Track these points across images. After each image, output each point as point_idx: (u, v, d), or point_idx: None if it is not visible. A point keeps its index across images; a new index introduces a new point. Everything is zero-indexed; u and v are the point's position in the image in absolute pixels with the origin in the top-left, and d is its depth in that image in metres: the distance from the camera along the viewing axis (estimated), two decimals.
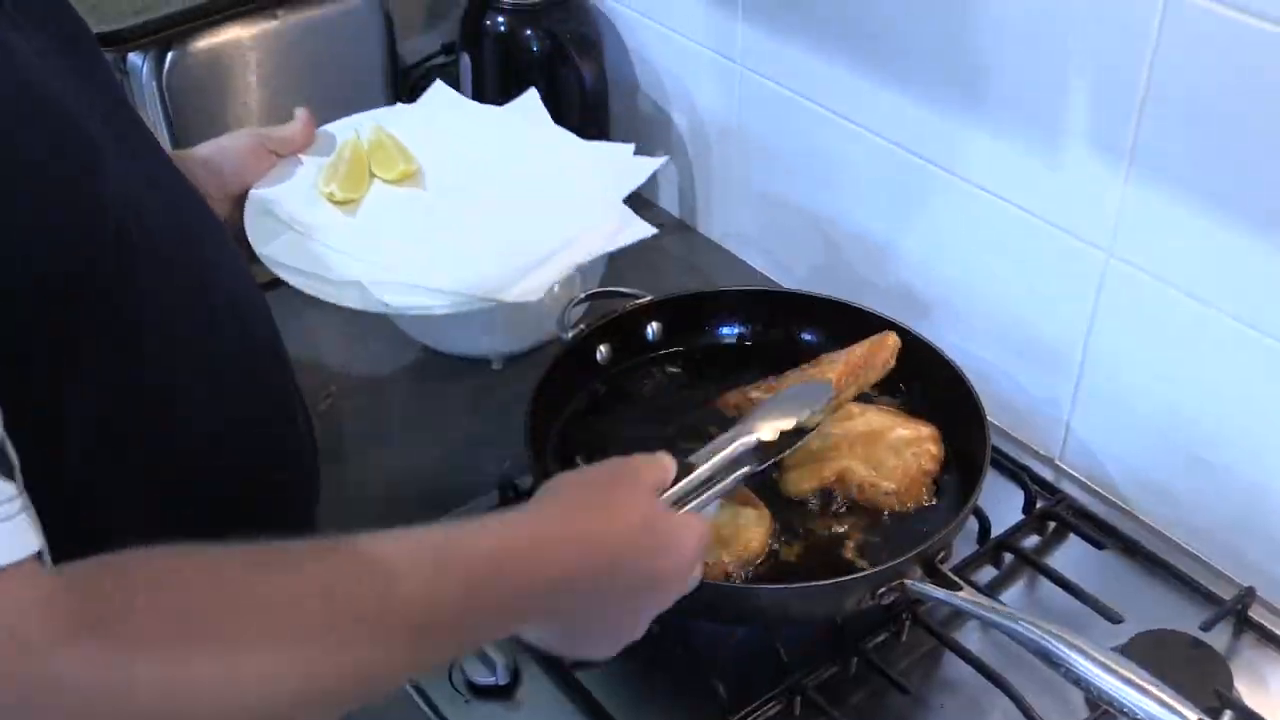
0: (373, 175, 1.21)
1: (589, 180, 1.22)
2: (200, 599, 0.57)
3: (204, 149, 1.10)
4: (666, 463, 0.82)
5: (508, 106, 1.30)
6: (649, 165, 1.23)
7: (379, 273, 1.10)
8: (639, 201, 1.36)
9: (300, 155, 1.19)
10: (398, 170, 1.21)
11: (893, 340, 1.10)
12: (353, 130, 1.23)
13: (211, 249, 0.86)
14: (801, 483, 1.05)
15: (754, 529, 0.99)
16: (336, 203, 1.17)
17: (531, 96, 1.30)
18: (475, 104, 1.33)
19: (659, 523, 0.79)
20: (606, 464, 0.82)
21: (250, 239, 1.10)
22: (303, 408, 0.95)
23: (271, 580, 0.60)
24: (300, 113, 1.20)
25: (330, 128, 1.24)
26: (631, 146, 1.23)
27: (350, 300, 1.09)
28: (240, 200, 1.12)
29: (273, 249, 1.10)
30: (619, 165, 1.23)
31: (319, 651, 0.60)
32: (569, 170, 1.23)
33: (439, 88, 1.33)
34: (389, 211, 1.19)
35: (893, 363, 1.09)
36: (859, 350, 1.09)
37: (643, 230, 1.15)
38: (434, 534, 0.69)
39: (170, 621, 0.56)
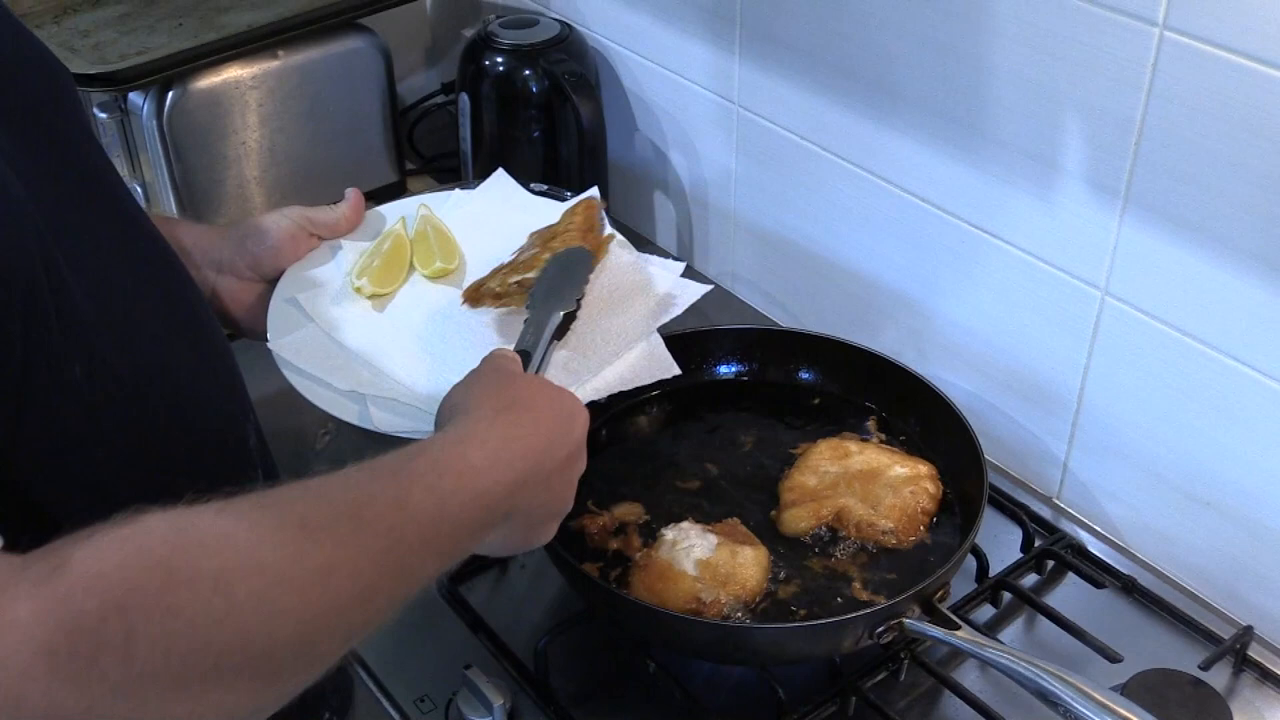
0: (412, 268, 1.10)
1: (630, 301, 1.06)
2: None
3: (246, 226, 1.06)
4: (511, 354, 0.89)
5: (569, 202, 1.15)
6: (694, 290, 1.07)
7: (384, 385, 0.99)
8: (637, 239, 1.37)
9: (342, 239, 1.10)
10: (435, 266, 1.09)
11: (592, 197, 1.12)
12: (400, 218, 1.13)
13: (154, 312, 0.83)
14: (799, 521, 1.05)
15: (751, 568, 0.99)
16: (366, 297, 1.06)
17: (591, 193, 1.15)
18: (533, 197, 1.19)
19: (558, 398, 0.84)
20: (479, 372, 0.86)
21: (268, 328, 1.02)
22: (268, 467, 0.92)
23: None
24: (350, 194, 1.12)
25: (381, 210, 1.15)
26: (682, 266, 1.09)
27: (349, 415, 0.97)
28: (273, 281, 1.06)
29: (284, 344, 1.01)
30: (664, 285, 1.07)
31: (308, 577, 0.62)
32: (612, 285, 1.08)
33: (500, 176, 1.20)
34: (416, 311, 1.06)
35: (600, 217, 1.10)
36: (578, 216, 1.09)
37: (668, 369, 1.02)
38: (388, 461, 0.72)
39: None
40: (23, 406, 0.69)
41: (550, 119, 1.47)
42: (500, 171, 1.20)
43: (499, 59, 1.48)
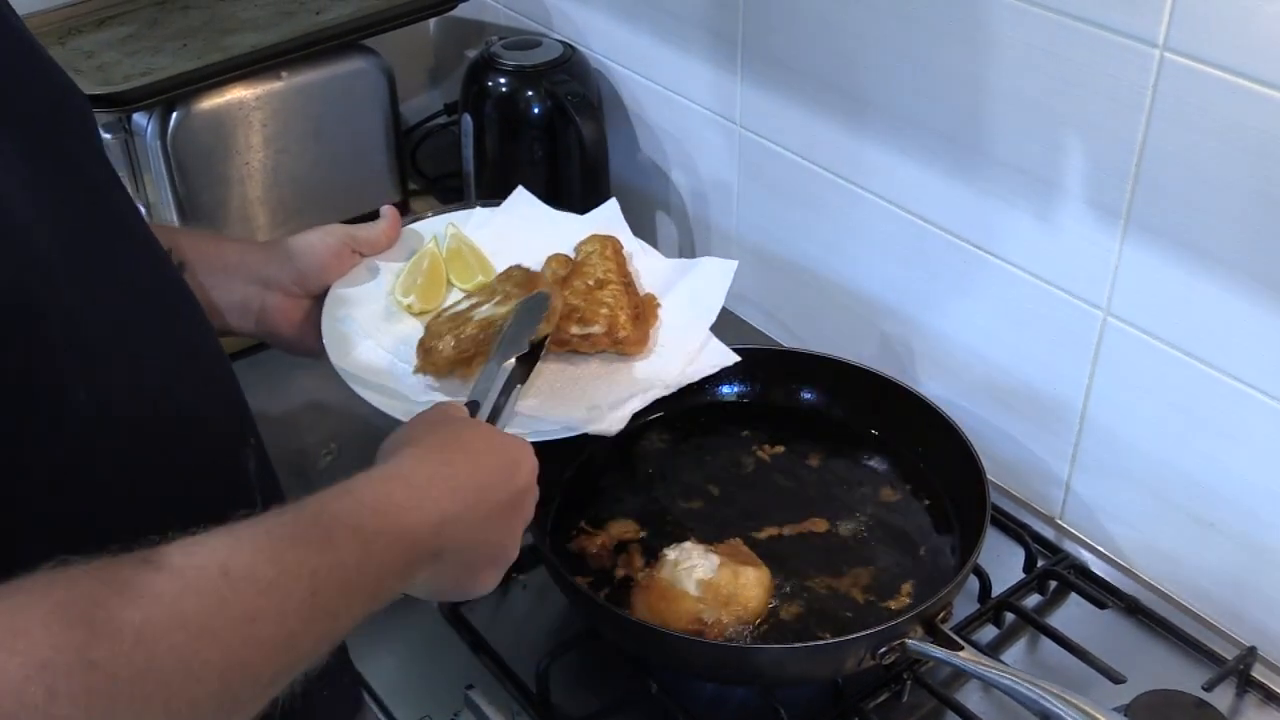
0: (450, 284, 1.14)
1: (673, 299, 1.14)
2: None
3: (291, 243, 1.08)
4: (456, 404, 0.89)
5: (589, 215, 1.22)
6: (726, 268, 1.15)
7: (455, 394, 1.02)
8: None
9: (376, 259, 1.14)
10: (475, 280, 1.14)
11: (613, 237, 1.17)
12: (431, 236, 1.17)
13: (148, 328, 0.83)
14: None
15: (754, 589, 0.99)
16: (415, 314, 1.11)
17: (612, 207, 1.22)
18: (555, 211, 1.24)
19: (501, 444, 0.83)
20: (419, 414, 0.86)
21: (328, 349, 1.05)
22: (268, 491, 0.92)
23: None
24: (387, 211, 1.15)
25: (411, 228, 1.18)
26: (718, 261, 1.16)
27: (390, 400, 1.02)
28: (319, 297, 1.08)
29: (351, 362, 1.05)
30: (702, 280, 1.15)
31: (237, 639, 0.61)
32: (650, 287, 1.16)
33: (520, 193, 1.24)
34: None
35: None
36: (608, 254, 1.14)
37: (724, 357, 1.09)
38: (312, 503, 0.70)
39: None
40: (23, 429, 0.69)
41: (553, 139, 1.48)
42: (520, 189, 1.24)
43: (502, 80, 1.49)
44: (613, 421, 1.02)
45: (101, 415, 0.75)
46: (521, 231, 1.19)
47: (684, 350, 1.09)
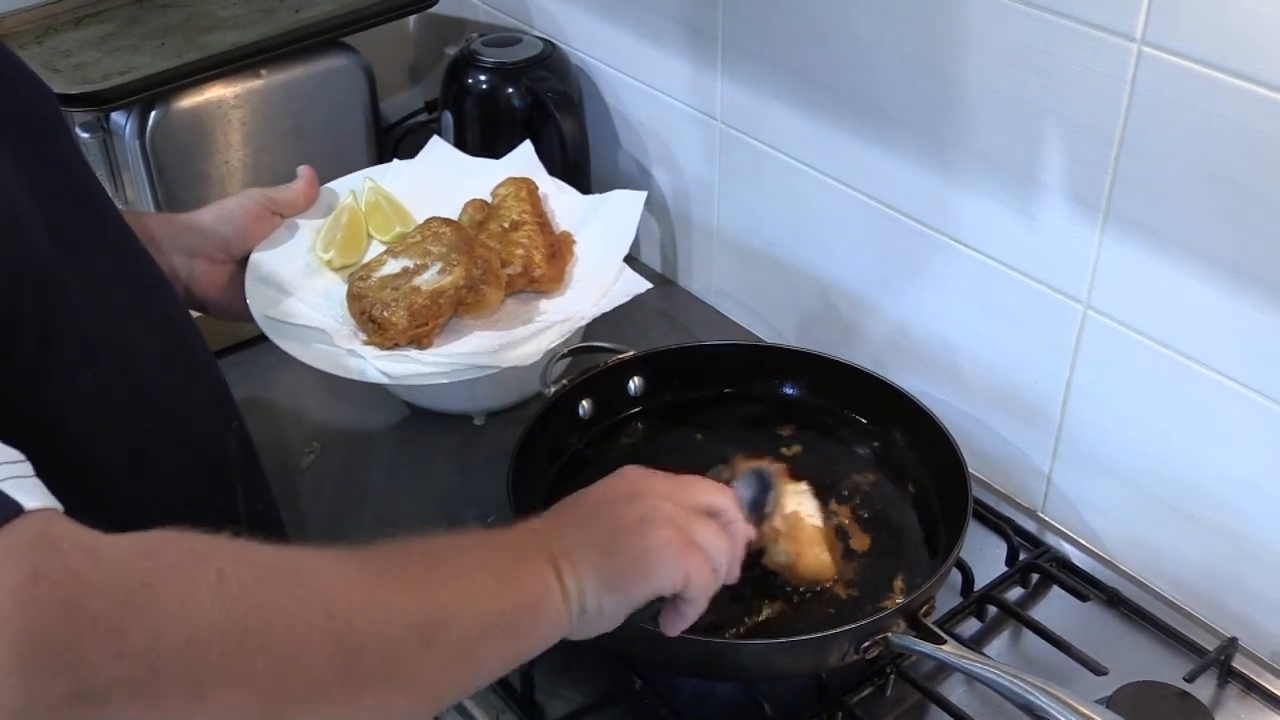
0: (370, 237, 1.20)
1: (587, 236, 1.23)
2: None
3: (209, 212, 1.12)
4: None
5: (504, 159, 1.30)
6: (635, 199, 1.24)
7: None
8: None
9: (297, 219, 1.19)
10: (394, 232, 1.20)
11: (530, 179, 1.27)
12: (349, 191, 1.22)
13: (147, 325, 0.86)
14: None
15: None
16: (336, 269, 1.16)
17: (526, 149, 1.29)
18: (472, 159, 1.32)
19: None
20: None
21: (250, 305, 1.10)
22: (249, 477, 0.94)
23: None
24: (303, 171, 1.19)
25: (330, 185, 1.24)
26: (627, 193, 1.25)
27: (350, 371, 1.08)
28: (244, 262, 1.13)
29: (274, 315, 1.10)
30: (613, 214, 1.24)
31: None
32: (565, 225, 1.25)
33: (436, 143, 1.31)
34: None
35: None
36: (523, 196, 1.24)
37: (637, 285, 1.16)
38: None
39: None
40: (35, 405, 0.71)
41: (533, 136, 1.47)
42: (436, 138, 1.31)
43: (482, 77, 1.48)
44: (525, 355, 1.08)
45: (106, 398, 0.77)
46: (439, 180, 1.26)
47: (599, 283, 1.16)
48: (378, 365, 1.08)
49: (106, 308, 0.80)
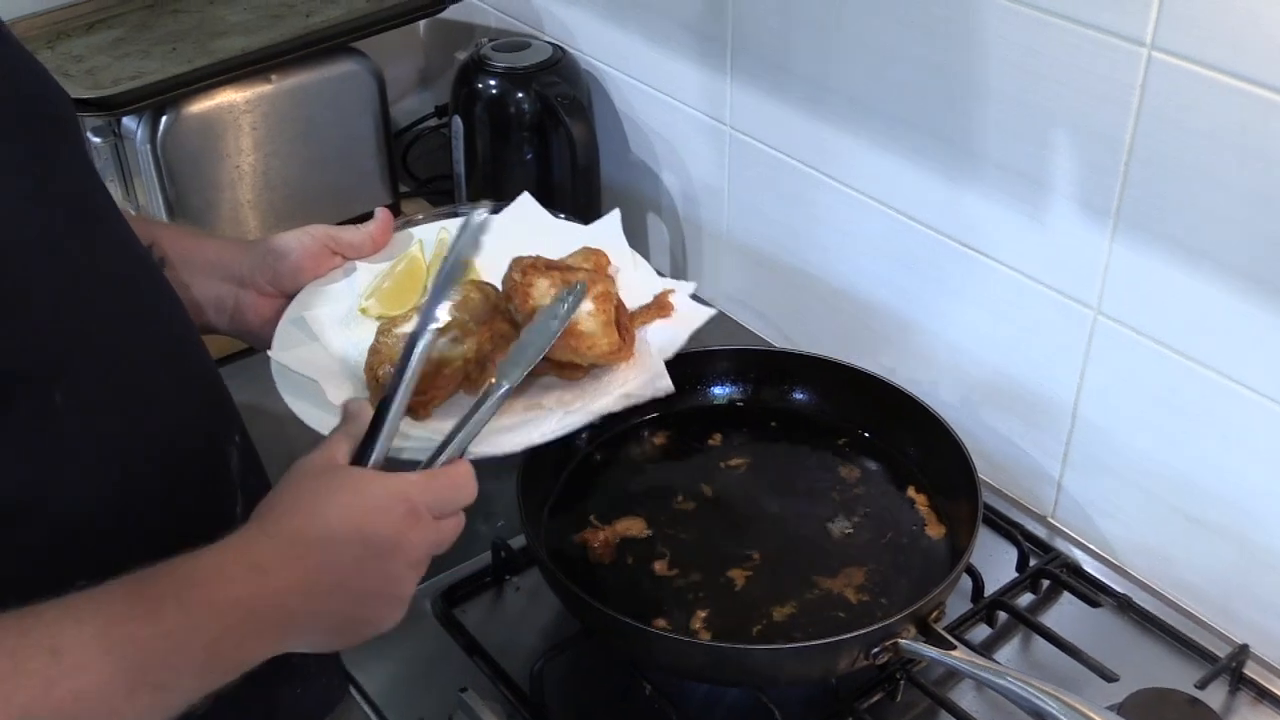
0: (424, 292, 1.06)
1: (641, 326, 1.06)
2: None
3: (267, 243, 1.05)
4: (340, 450, 0.83)
5: (590, 226, 1.15)
6: (703, 312, 1.06)
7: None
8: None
9: (359, 261, 1.09)
10: None
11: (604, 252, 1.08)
12: (417, 239, 1.11)
13: (144, 326, 0.84)
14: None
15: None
16: (373, 318, 1.05)
17: (613, 219, 1.14)
18: (556, 220, 1.17)
19: (369, 496, 0.79)
20: (301, 464, 0.82)
21: (274, 342, 1.02)
22: (251, 488, 0.91)
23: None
24: (379, 213, 1.10)
25: (413, 230, 1.13)
26: (693, 286, 1.08)
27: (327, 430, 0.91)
28: (293, 297, 1.05)
29: (284, 357, 1.00)
30: (677, 314, 1.06)
31: None
32: (629, 305, 1.07)
33: (524, 200, 1.17)
34: None
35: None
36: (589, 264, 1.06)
37: (664, 386, 1.00)
38: (150, 574, 0.71)
39: None
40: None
41: (543, 141, 1.48)
42: (525, 195, 1.18)
43: (492, 82, 1.49)
44: (512, 443, 0.94)
45: (78, 409, 0.75)
46: (515, 240, 1.11)
47: (623, 376, 1.00)
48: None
49: (92, 315, 0.78)
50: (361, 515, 0.78)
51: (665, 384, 0.99)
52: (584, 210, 1.47)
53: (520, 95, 1.48)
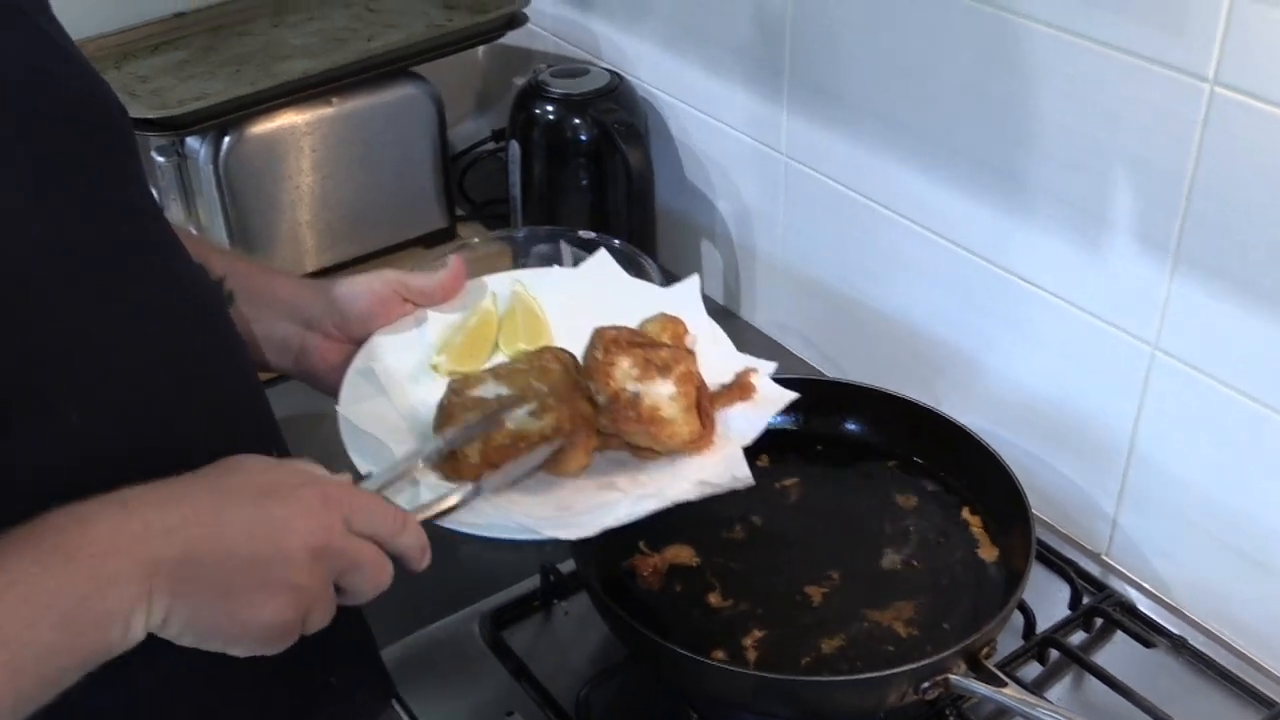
0: (496, 348, 1.05)
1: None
2: None
3: (337, 286, 1.03)
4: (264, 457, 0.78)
5: (668, 290, 1.10)
6: (783, 397, 1.00)
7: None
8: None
9: (430, 310, 1.05)
10: (516, 349, 1.04)
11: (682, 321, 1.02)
12: (492, 293, 1.08)
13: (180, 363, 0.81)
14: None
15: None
16: (444, 375, 1.01)
17: (692, 284, 1.09)
18: (633, 280, 1.13)
19: (282, 462, 0.76)
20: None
21: (341, 393, 0.98)
22: None
23: None
24: (451, 261, 1.07)
25: (482, 280, 1.09)
26: (774, 366, 1.01)
27: (408, 502, 0.88)
28: (361, 342, 1.02)
29: (351, 414, 0.96)
30: (759, 395, 1.00)
31: None
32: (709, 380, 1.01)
33: (601, 257, 1.13)
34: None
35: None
36: (666, 334, 1.00)
37: (743, 477, 0.93)
38: (39, 521, 0.65)
39: None
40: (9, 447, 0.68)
41: (599, 167, 1.49)
42: (603, 251, 1.14)
43: (549, 107, 1.50)
44: (578, 529, 0.89)
45: (95, 436, 0.73)
46: (592, 299, 1.08)
47: (699, 461, 0.94)
48: (424, 496, 0.90)
49: (109, 338, 0.76)
50: (262, 476, 0.74)
51: (744, 474, 0.93)
52: (638, 236, 1.48)
53: (577, 121, 1.49)
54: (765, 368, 1.01)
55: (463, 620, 1.12)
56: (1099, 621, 1.10)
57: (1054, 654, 1.07)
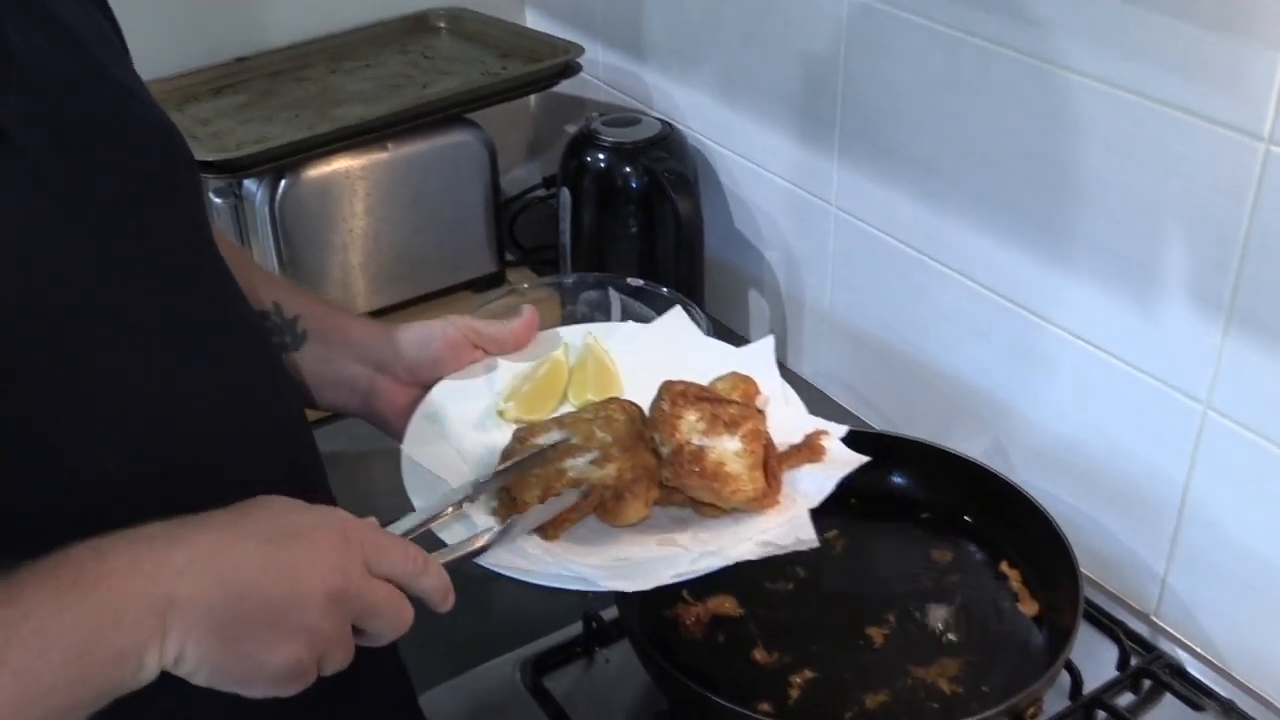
0: (565, 398, 1.04)
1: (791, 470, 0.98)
2: None
3: (408, 330, 1.03)
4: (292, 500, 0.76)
5: (742, 350, 1.08)
6: (852, 460, 0.97)
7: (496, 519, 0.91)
8: (733, 336, 1.38)
9: (501, 358, 1.05)
10: (585, 400, 1.03)
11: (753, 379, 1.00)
12: (564, 343, 1.07)
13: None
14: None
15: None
16: (509, 422, 1.00)
17: (767, 345, 1.06)
18: (706, 338, 1.12)
19: (295, 545, 0.72)
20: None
21: (406, 437, 0.97)
22: None
23: None
24: (526, 310, 1.07)
25: (559, 331, 1.09)
26: (845, 429, 0.99)
27: (453, 539, 0.88)
28: (429, 387, 1.01)
29: (415, 455, 0.95)
30: (829, 456, 0.98)
31: None
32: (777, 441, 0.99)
33: (675, 313, 1.12)
34: None
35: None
36: (737, 393, 0.98)
37: (808, 539, 0.90)
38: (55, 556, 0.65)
39: None
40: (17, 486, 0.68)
41: (649, 215, 1.50)
42: (678, 308, 1.14)
43: (600, 155, 1.51)
44: (634, 583, 0.87)
45: (133, 477, 0.73)
46: (665, 355, 1.07)
47: (763, 521, 0.92)
48: (494, 550, 0.88)
49: (162, 380, 0.76)
50: (283, 516, 0.73)
51: (809, 536, 0.89)
52: (686, 284, 1.48)
53: (628, 169, 1.50)
54: (836, 430, 0.99)
55: (503, 666, 1.12)
56: (1147, 683, 1.08)
57: (1101, 715, 1.05)
